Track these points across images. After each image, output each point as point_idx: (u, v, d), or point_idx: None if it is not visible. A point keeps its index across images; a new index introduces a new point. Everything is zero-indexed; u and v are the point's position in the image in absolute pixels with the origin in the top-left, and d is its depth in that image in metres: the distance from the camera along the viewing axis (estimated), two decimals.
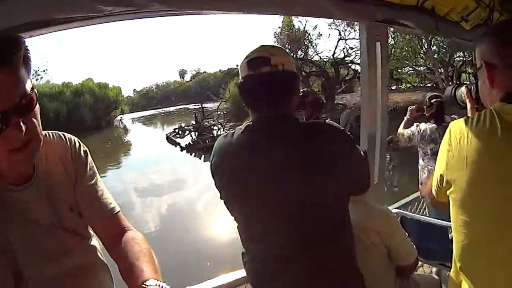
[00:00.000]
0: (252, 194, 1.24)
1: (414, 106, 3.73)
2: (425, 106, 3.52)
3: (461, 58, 21.05)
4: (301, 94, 1.49)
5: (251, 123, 1.27)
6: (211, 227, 8.24)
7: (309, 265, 1.21)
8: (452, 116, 3.47)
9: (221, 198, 1.35)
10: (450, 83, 19.98)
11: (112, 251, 1.03)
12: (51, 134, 1.05)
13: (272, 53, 1.23)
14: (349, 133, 1.25)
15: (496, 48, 1.04)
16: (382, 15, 1.84)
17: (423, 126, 3.45)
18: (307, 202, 1.17)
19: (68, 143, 1.07)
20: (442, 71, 20.53)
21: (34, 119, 0.87)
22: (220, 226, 7.98)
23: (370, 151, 2.05)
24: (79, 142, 1.11)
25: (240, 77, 1.30)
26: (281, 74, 1.22)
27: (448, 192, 1.08)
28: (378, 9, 1.77)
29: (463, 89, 1.36)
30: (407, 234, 1.71)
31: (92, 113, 30.32)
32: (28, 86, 0.85)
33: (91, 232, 1.10)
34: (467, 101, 1.32)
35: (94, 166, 1.12)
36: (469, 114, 1.24)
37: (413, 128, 3.52)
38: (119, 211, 1.14)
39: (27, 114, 0.84)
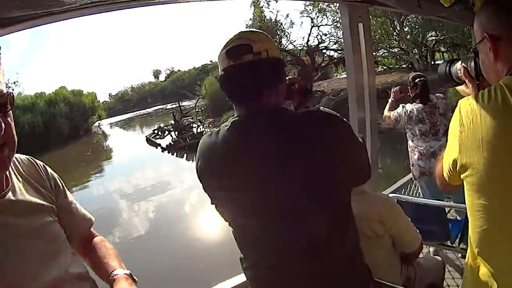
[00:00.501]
0: (245, 197, 1.12)
1: (397, 87, 3.66)
2: (409, 87, 3.46)
3: (434, 38, 21.22)
4: (287, 82, 1.38)
5: (236, 118, 1.13)
6: (200, 227, 8.21)
7: (313, 268, 1.12)
8: (437, 95, 3.45)
9: (212, 203, 1.22)
10: (424, 63, 20.22)
11: (83, 253, 1.16)
12: (21, 158, 1.05)
13: (253, 39, 1.10)
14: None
15: (500, 18, 0.97)
16: None
17: (409, 106, 3.39)
18: (306, 200, 1.07)
19: (38, 165, 1.08)
20: (416, 51, 20.80)
21: (10, 121, 0.87)
22: (208, 225, 7.98)
23: None
24: (45, 166, 1.11)
25: (220, 69, 1.16)
26: (266, 62, 1.10)
27: (463, 176, 1.00)
28: None
29: (458, 66, 1.27)
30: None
31: (69, 121, 29.64)
32: (2, 86, 0.85)
33: None
34: (466, 80, 1.22)
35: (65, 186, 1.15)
36: (469, 93, 1.17)
37: (399, 109, 3.45)
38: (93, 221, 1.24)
39: (4, 111, 0.84)
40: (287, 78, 1.34)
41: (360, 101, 1.95)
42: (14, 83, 33.34)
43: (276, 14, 22.19)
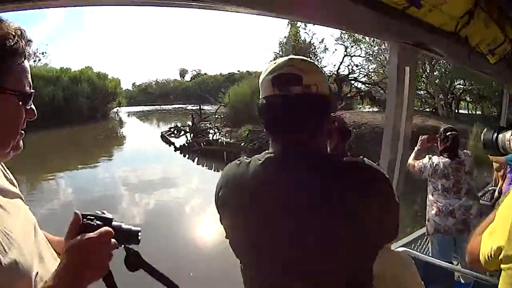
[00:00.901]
0: (264, 242, 1.03)
1: (426, 136, 3.54)
2: (438, 138, 3.39)
3: (462, 86, 21.11)
4: None
5: (272, 154, 1.03)
6: (196, 230, 8.23)
7: None
8: (465, 151, 3.39)
9: (226, 238, 1.13)
10: (448, 110, 19.98)
11: None
12: None
13: (304, 69, 1.00)
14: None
15: None
16: (416, 38, 1.75)
17: (436, 159, 3.32)
18: (328, 259, 0.97)
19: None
20: (442, 97, 20.58)
21: None
22: (206, 230, 8.04)
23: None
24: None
25: (261, 95, 1.06)
26: (315, 98, 1.00)
27: (504, 266, 0.89)
28: (414, 31, 1.67)
29: (508, 136, 1.16)
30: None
31: (89, 102, 29.88)
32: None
33: None
34: None
35: None
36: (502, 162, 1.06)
37: (425, 160, 3.37)
38: None
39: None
40: None
41: (395, 143, 1.91)
42: (42, 53, 33.94)
43: (311, 37, 22.33)
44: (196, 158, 15.16)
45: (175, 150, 16.34)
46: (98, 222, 0.85)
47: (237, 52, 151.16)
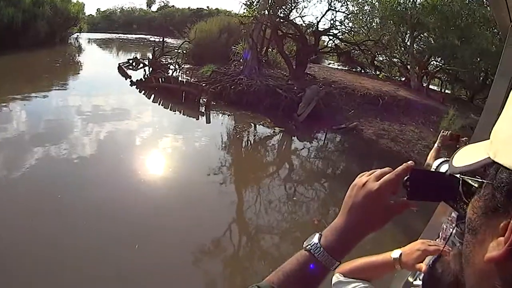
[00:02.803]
0: None
1: (448, 132, 3.15)
2: (465, 138, 2.97)
3: (439, 64, 20.90)
4: None
5: None
6: (145, 162, 8.59)
7: None
8: None
9: None
10: (421, 84, 20.02)
11: None
12: None
13: None
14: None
15: None
16: None
17: None
18: None
19: None
20: (417, 70, 20.29)
21: None
22: (153, 161, 8.81)
23: None
24: None
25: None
26: None
27: None
28: None
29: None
30: None
31: (49, 26, 27.99)
32: None
33: None
34: None
35: None
36: None
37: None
38: None
39: None
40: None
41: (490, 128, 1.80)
42: None
43: None
44: (152, 96, 14.42)
45: (131, 85, 15.41)
46: None
47: None
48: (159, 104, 13.88)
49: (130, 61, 20.01)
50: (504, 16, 1.70)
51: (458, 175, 0.70)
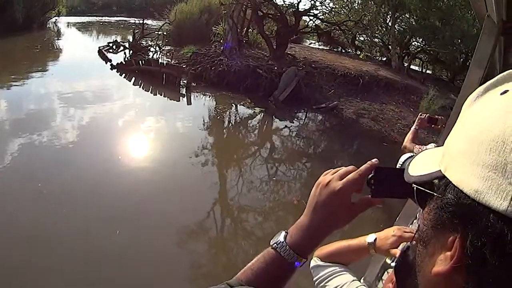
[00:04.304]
0: None
1: (426, 115, 3.14)
2: (444, 125, 2.91)
3: (419, 45, 21.09)
4: None
5: None
6: (126, 145, 8.79)
7: None
8: None
9: None
10: (401, 64, 20.15)
11: None
12: None
13: None
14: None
15: None
16: None
17: None
18: None
19: None
20: (398, 50, 20.41)
21: None
22: (134, 144, 9.00)
23: None
24: None
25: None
26: None
27: None
28: None
29: None
30: None
31: (25, 11, 27.30)
32: None
33: None
34: None
35: None
36: None
37: (429, 148, 2.86)
38: None
39: None
40: None
41: None
42: None
43: None
44: (133, 79, 14.29)
45: (111, 69, 15.15)
46: None
47: None
48: (139, 87, 13.81)
49: (110, 44, 19.69)
50: (480, 5, 1.73)
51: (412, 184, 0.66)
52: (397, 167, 0.92)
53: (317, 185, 0.89)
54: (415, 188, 0.64)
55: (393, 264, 1.33)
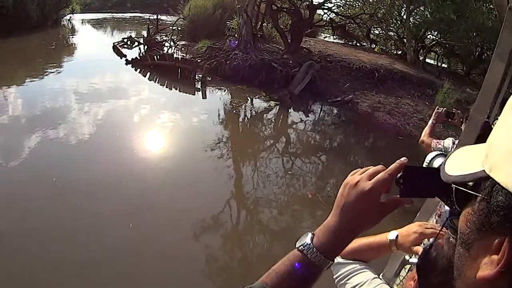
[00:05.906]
0: None
1: (443, 109, 3.11)
2: (461, 119, 2.89)
3: (435, 38, 20.76)
4: None
5: None
6: (142, 140, 8.78)
7: None
8: None
9: None
10: (417, 58, 19.87)
11: None
12: None
13: None
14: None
15: None
16: None
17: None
18: None
19: None
20: (414, 43, 20.13)
21: None
22: (150, 139, 9.00)
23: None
24: None
25: None
26: None
27: None
28: None
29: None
30: None
31: (40, 9, 27.54)
32: None
33: None
34: None
35: None
36: None
37: (448, 143, 2.78)
38: None
39: None
40: None
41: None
42: None
43: None
44: (148, 73, 14.39)
45: (126, 64, 15.22)
46: None
47: None
48: (155, 82, 13.88)
49: (125, 40, 19.81)
50: None
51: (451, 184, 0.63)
52: (424, 165, 0.92)
53: (345, 185, 0.86)
54: (454, 188, 0.61)
55: (411, 260, 1.42)
